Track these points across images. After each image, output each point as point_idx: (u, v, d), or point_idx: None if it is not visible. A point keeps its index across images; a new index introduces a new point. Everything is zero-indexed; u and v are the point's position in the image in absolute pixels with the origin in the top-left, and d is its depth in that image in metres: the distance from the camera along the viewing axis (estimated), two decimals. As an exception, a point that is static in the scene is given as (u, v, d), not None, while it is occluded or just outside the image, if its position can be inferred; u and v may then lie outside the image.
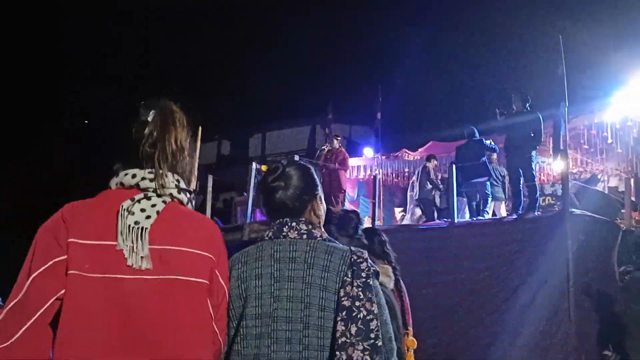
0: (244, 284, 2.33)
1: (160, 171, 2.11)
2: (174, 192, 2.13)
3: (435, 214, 14.45)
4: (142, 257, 2.07)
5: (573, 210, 9.56)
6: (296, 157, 11.56)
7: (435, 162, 15.97)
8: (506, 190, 13.23)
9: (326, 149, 14.93)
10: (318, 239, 2.29)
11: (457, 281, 9.29)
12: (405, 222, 15.56)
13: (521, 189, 10.97)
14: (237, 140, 25.59)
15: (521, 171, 10.89)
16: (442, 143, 18.24)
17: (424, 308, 8.18)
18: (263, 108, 21.70)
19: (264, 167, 11.25)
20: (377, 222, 15.22)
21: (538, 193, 11.24)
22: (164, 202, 2.11)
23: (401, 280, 4.19)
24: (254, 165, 12.77)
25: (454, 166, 12.27)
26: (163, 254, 2.11)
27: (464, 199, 13.15)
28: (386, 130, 19.12)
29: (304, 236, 2.32)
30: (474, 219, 11.76)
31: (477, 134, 12.81)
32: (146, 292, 2.04)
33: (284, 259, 2.33)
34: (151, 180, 2.17)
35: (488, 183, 12.93)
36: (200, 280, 2.14)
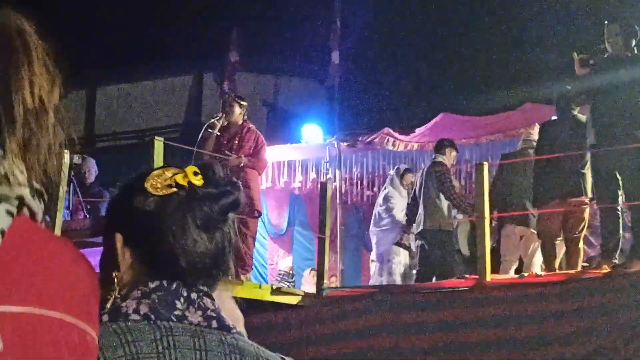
0: None
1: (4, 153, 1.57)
2: (26, 194, 1.54)
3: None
4: None
5: None
6: (157, 142, 7.32)
7: (455, 154, 8.82)
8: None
9: (219, 125, 8.53)
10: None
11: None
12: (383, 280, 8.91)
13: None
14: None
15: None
16: (464, 117, 11.27)
17: None
18: (92, 44, 12.99)
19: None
20: (327, 284, 8.48)
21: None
22: (9, 214, 1.53)
23: None
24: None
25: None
26: None
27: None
28: (351, 90, 11.24)
29: (214, 323, 1.62)
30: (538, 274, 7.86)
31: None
32: None
33: None
34: None
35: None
36: None
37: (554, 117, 8.27)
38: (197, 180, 1.62)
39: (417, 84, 11.33)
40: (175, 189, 1.61)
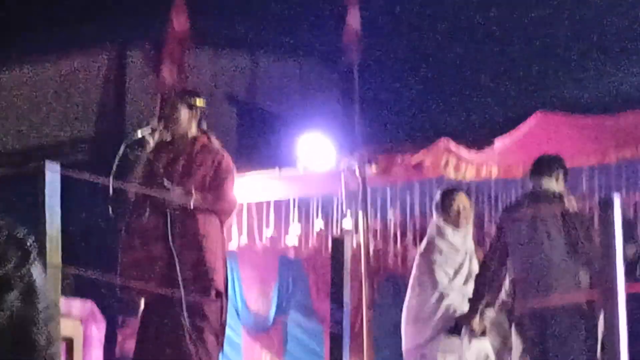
0: None
1: None
2: None
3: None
4: None
5: None
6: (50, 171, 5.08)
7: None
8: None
9: (152, 141, 5.90)
10: None
11: None
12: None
13: None
14: None
15: None
16: (576, 117, 6.94)
17: None
18: None
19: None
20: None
21: None
22: None
23: None
24: None
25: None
26: None
27: None
28: (381, 77, 7.40)
29: None
30: None
31: None
32: None
33: None
34: None
35: None
36: None
37: None
38: None
39: (486, 63, 7.35)
40: None
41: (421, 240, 7.17)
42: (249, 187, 6.94)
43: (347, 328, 5.07)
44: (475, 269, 5.74)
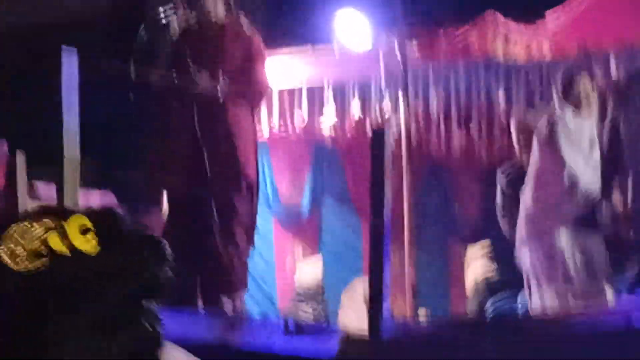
0: None
1: None
2: None
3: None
4: None
5: None
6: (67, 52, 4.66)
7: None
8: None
9: (176, 22, 5.39)
10: None
11: None
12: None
13: None
14: None
15: None
16: None
17: None
18: None
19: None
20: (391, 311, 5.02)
21: None
22: None
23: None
24: None
25: None
26: None
27: None
28: None
29: None
30: None
31: None
32: None
33: None
34: None
35: None
36: None
37: None
38: (87, 244, 1.21)
39: None
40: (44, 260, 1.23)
41: (466, 124, 6.76)
42: (280, 69, 6.52)
43: (387, 225, 4.73)
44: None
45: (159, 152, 5.27)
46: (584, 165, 5.17)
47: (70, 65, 4.82)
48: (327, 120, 6.85)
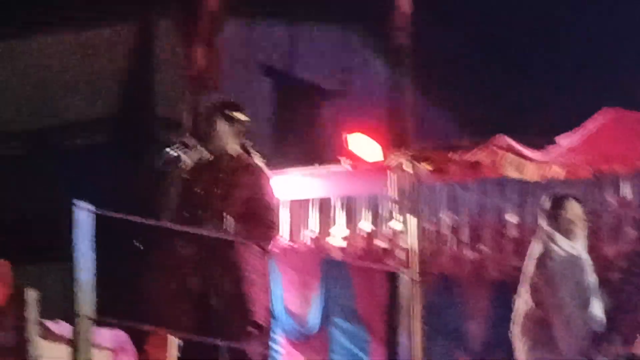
0: None
1: None
2: None
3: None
4: None
5: None
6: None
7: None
8: None
9: (190, 161, 5.23)
10: None
11: None
12: None
13: None
14: None
15: None
16: None
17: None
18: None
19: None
20: None
21: None
22: None
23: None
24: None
25: None
26: None
27: None
28: (434, 60, 7.03)
29: None
30: None
31: None
32: None
33: None
34: None
35: None
36: None
37: None
38: None
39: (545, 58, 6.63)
40: None
41: (475, 245, 6.74)
42: (289, 185, 6.48)
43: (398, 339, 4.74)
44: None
45: (165, 294, 5.14)
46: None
47: (84, 221, 4.68)
48: (336, 235, 6.80)
